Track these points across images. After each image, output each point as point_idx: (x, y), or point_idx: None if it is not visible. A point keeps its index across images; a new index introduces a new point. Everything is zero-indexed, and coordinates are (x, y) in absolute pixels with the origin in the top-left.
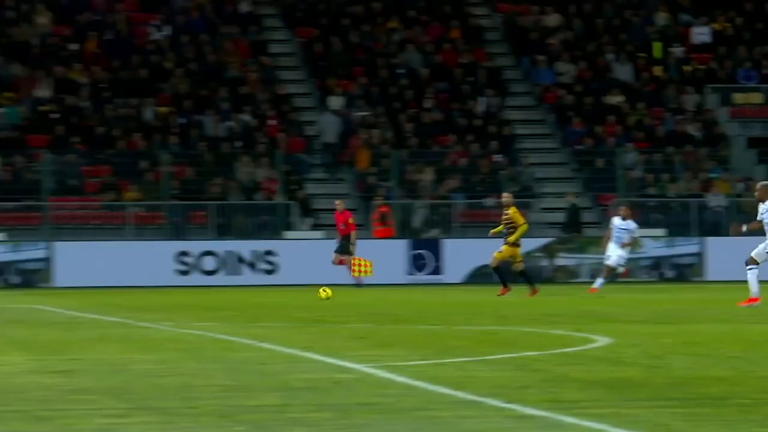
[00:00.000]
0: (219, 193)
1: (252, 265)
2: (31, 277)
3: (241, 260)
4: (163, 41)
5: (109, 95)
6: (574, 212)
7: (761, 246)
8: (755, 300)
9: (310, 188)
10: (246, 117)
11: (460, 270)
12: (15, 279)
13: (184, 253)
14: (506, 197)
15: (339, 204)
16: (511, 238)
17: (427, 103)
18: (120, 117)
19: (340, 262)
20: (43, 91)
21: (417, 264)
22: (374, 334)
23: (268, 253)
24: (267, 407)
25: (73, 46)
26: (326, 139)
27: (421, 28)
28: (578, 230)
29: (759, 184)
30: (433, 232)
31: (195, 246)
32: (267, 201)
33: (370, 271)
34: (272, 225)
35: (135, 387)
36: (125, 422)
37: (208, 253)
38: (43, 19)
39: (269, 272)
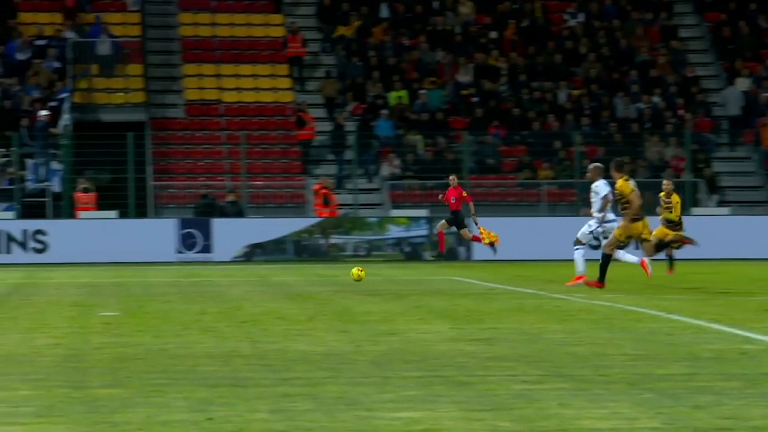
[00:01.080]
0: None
1: None
2: (451, 251)
3: None
4: (577, 27)
5: (525, 79)
6: None
7: (585, 227)
8: (581, 278)
9: (717, 166)
10: (655, 98)
11: None
12: (435, 252)
13: None
14: (667, 185)
15: (453, 179)
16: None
17: None
18: (535, 100)
19: (445, 235)
20: (464, 76)
21: None
22: None
23: None
24: (675, 376)
25: (493, 34)
26: (731, 116)
27: None
28: None
29: (590, 166)
30: None
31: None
32: (675, 179)
33: (495, 238)
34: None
35: (549, 355)
36: (540, 388)
37: None
38: (466, 9)
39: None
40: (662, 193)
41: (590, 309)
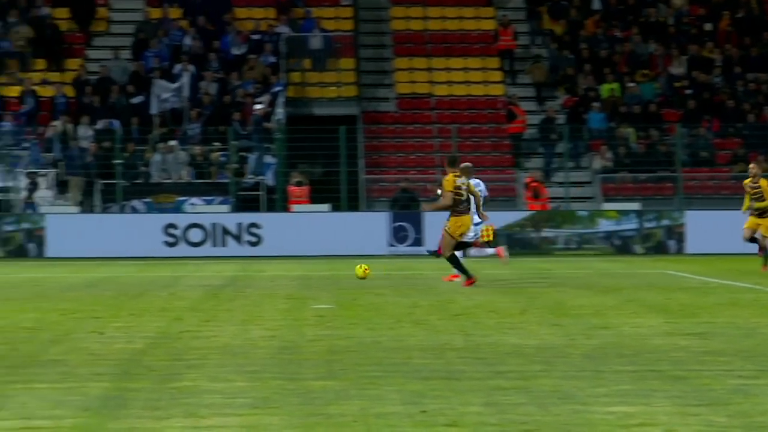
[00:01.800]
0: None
1: None
2: (661, 244)
3: None
4: None
5: (740, 71)
6: None
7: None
8: (457, 277)
9: None
10: None
11: None
12: (647, 247)
13: None
14: (753, 168)
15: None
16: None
17: None
18: (750, 92)
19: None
20: (678, 68)
21: None
22: None
23: None
24: None
25: (707, 25)
26: None
27: None
28: None
29: (461, 165)
30: None
31: None
32: None
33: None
34: None
35: (766, 350)
36: (757, 383)
37: None
38: (679, 1)
39: None
40: (748, 180)
41: None
